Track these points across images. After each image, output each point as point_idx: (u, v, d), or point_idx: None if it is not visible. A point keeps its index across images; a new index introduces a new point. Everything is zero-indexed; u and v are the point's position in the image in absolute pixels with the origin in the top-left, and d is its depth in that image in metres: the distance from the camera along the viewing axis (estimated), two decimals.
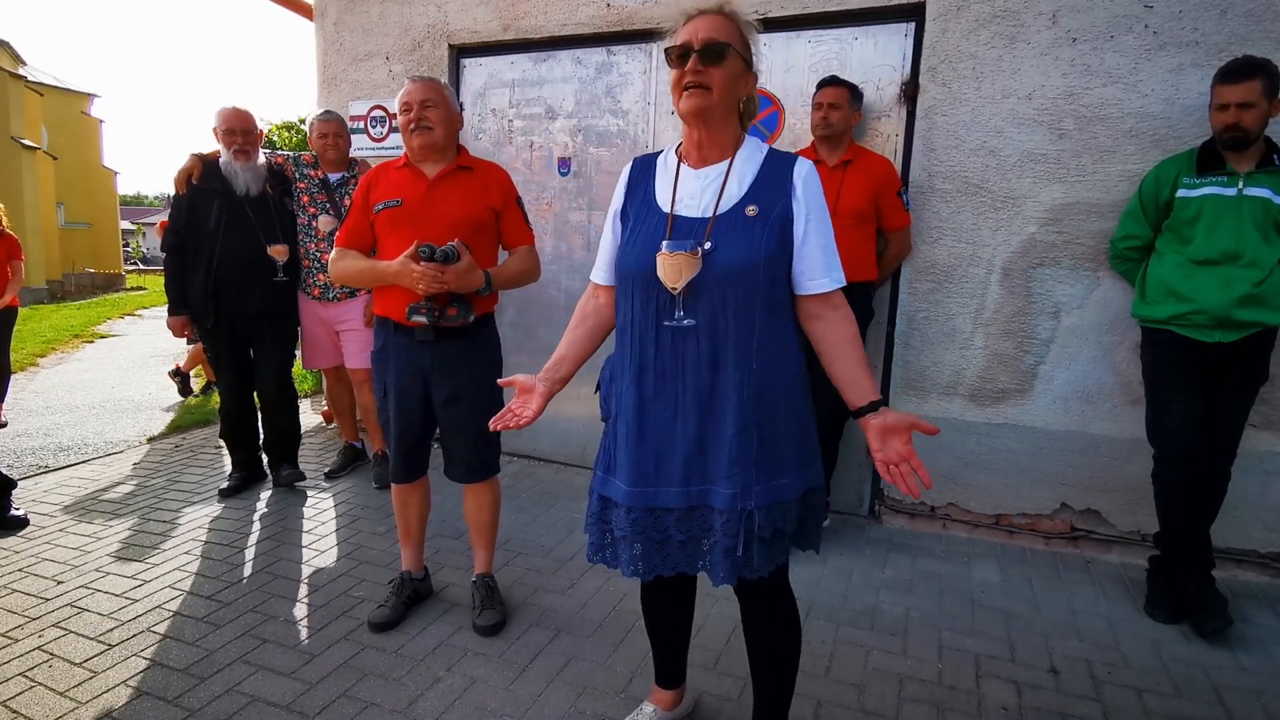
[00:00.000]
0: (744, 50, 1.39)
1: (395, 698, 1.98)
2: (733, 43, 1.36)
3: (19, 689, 1.99)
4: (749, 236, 1.38)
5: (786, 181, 1.41)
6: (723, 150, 1.45)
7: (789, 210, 1.39)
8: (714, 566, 1.45)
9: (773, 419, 1.42)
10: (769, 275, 1.39)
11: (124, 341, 9.05)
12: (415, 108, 2.10)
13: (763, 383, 1.41)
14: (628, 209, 1.52)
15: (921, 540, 3.03)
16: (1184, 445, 2.36)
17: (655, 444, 1.46)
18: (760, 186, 1.41)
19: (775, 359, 1.42)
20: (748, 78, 1.42)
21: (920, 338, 3.06)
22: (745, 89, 1.42)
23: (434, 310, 2.07)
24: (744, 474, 1.40)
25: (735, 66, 1.37)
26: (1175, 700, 2.01)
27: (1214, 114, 2.28)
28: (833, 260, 1.42)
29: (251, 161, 3.20)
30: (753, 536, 1.40)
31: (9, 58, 17.74)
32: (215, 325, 3.21)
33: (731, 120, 1.44)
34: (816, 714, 1.93)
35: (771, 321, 1.41)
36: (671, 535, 1.48)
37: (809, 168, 1.43)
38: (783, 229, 1.39)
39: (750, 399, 1.40)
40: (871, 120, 3.07)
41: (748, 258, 1.37)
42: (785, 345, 1.43)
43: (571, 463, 3.88)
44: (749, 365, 1.40)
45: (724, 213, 1.41)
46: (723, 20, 1.37)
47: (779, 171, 1.42)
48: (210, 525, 3.08)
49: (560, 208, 3.75)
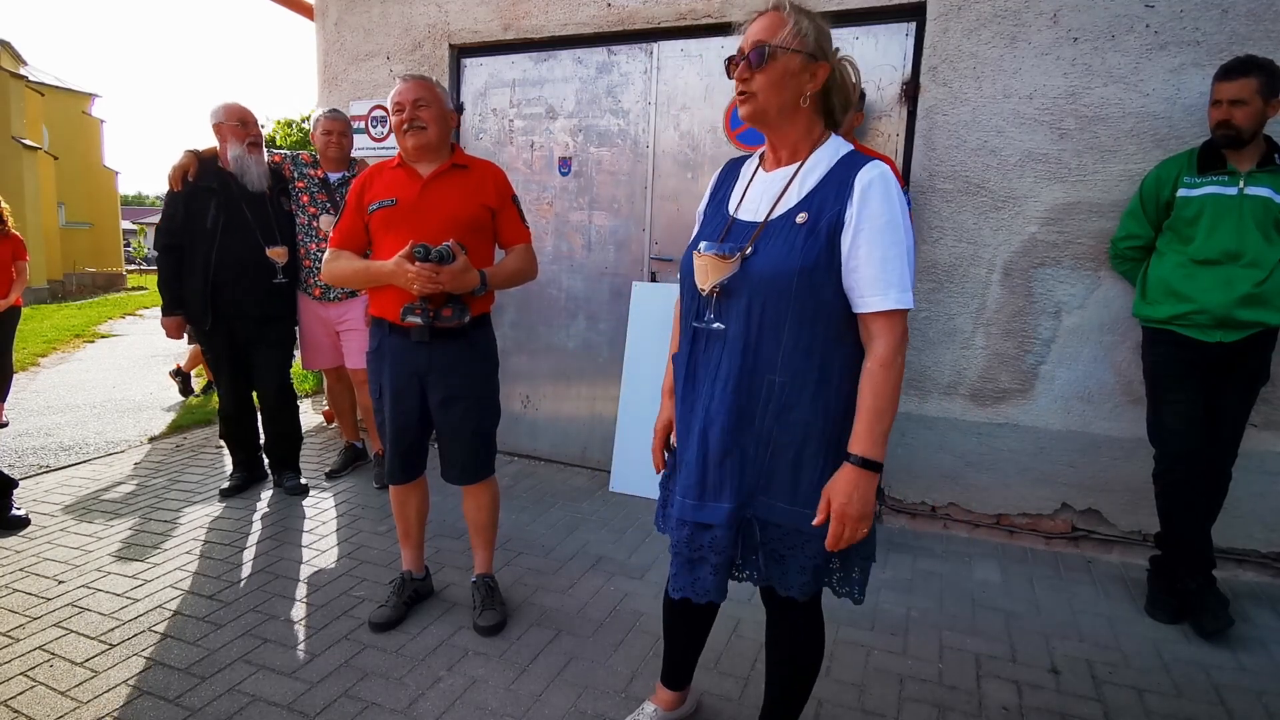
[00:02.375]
0: (799, 43, 1.29)
1: (396, 697, 1.98)
2: (781, 41, 1.29)
3: (20, 688, 1.99)
4: (790, 244, 1.30)
5: (847, 186, 1.29)
6: (794, 152, 1.38)
7: (841, 218, 1.28)
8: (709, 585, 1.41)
9: (797, 443, 1.34)
10: (805, 286, 1.29)
11: (125, 341, 9.06)
12: (408, 107, 2.09)
13: (789, 399, 1.33)
14: (706, 210, 1.52)
15: (922, 540, 3.03)
16: (1185, 445, 2.36)
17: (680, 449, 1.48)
18: (820, 191, 1.32)
19: (805, 377, 1.32)
20: (812, 70, 1.31)
21: (921, 337, 3.06)
22: (811, 83, 1.32)
23: (429, 311, 2.06)
24: (751, 486, 1.37)
25: (785, 65, 1.30)
26: (1176, 700, 2.01)
27: (1209, 110, 2.29)
28: (890, 278, 1.26)
29: (262, 155, 3.19)
30: (754, 547, 1.38)
31: (10, 58, 17.75)
32: (213, 327, 3.18)
33: (798, 120, 1.35)
34: (817, 714, 1.93)
35: (803, 336, 1.31)
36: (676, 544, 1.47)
37: (877, 173, 1.29)
38: (830, 238, 1.28)
39: (770, 412, 1.34)
40: (872, 120, 3.07)
41: (782, 266, 1.30)
42: (823, 365, 1.32)
43: (571, 463, 3.88)
44: (770, 377, 1.33)
45: (775, 218, 1.35)
46: (775, 18, 1.32)
47: (844, 175, 1.31)
48: (211, 525, 3.08)
49: (561, 208, 3.75)
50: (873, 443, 1.29)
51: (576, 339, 3.80)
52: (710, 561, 1.41)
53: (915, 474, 3.13)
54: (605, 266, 3.69)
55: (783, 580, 1.42)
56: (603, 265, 3.69)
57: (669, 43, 3.39)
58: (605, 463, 3.67)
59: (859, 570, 1.43)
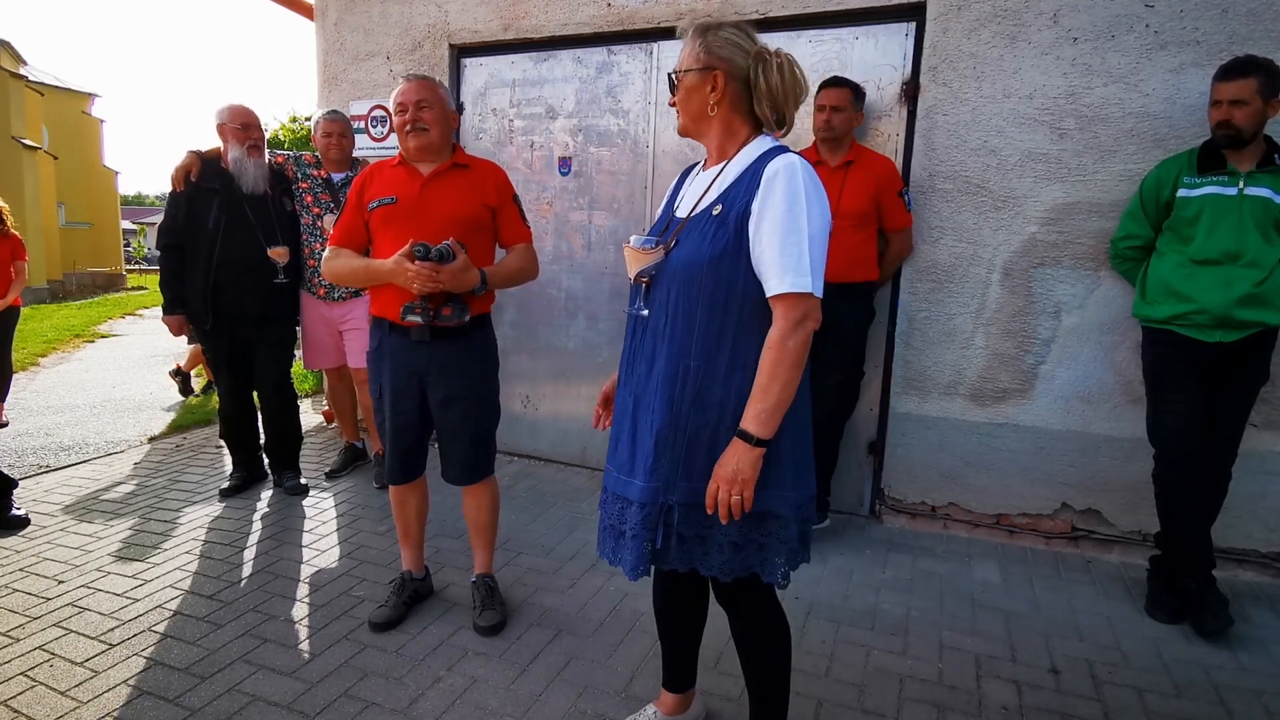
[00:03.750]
0: (693, 60, 1.43)
1: (396, 697, 1.98)
2: (681, 64, 1.46)
3: (20, 688, 1.99)
4: (703, 235, 1.41)
5: (756, 178, 1.38)
6: (721, 153, 1.49)
7: (748, 208, 1.37)
8: (626, 557, 1.47)
9: (712, 424, 1.40)
10: (714, 274, 1.38)
11: (125, 341, 9.06)
12: (410, 108, 2.09)
13: (704, 383, 1.40)
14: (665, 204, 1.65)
15: (922, 540, 3.03)
16: (1185, 445, 2.36)
17: (615, 429, 1.58)
18: (736, 185, 1.41)
19: (717, 360, 1.40)
20: (710, 80, 1.42)
21: (921, 337, 3.06)
22: (713, 93, 1.43)
23: (428, 310, 2.06)
24: (669, 468, 1.42)
25: (687, 84, 1.45)
26: (1176, 700, 2.01)
27: (1209, 110, 2.29)
28: (786, 262, 1.32)
29: (262, 158, 3.20)
30: (671, 530, 1.43)
31: (10, 58, 17.75)
32: (214, 327, 3.19)
33: (713, 127, 1.47)
34: (817, 714, 1.93)
35: (714, 322, 1.39)
36: (603, 518, 1.56)
37: (784, 165, 1.35)
38: (739, 228, 1.37)
39: (685, 396, 1.41)
40: (872, 120, 3.07)
41: (693, 255, 1.40)
42: (734, 349, 1.39)
43: (571, 463, 3.88)
44: (685, 362, 1.41)
45: (697, 213, 1.45)
46: (687, 42, 1.46)
47: (756, 169, 1.40)
48: (211, 525, 3.08)
49: (561, 208, 3.75)
50: (753, 417, 1.34)
51: (576, 339, 3.80)
52: (629, 535, 1.47)
53: (915, 474, 3.13)
54: (605, 266, 3.69)
55: (704, 560, 1.46)
56: (603, 265, 3.69)
57: (669, 43, 3.39)
58: (605, 463, 3.66)
59: (780, 557, 1.44)
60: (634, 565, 1.46)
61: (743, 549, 1.45)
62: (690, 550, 1.46)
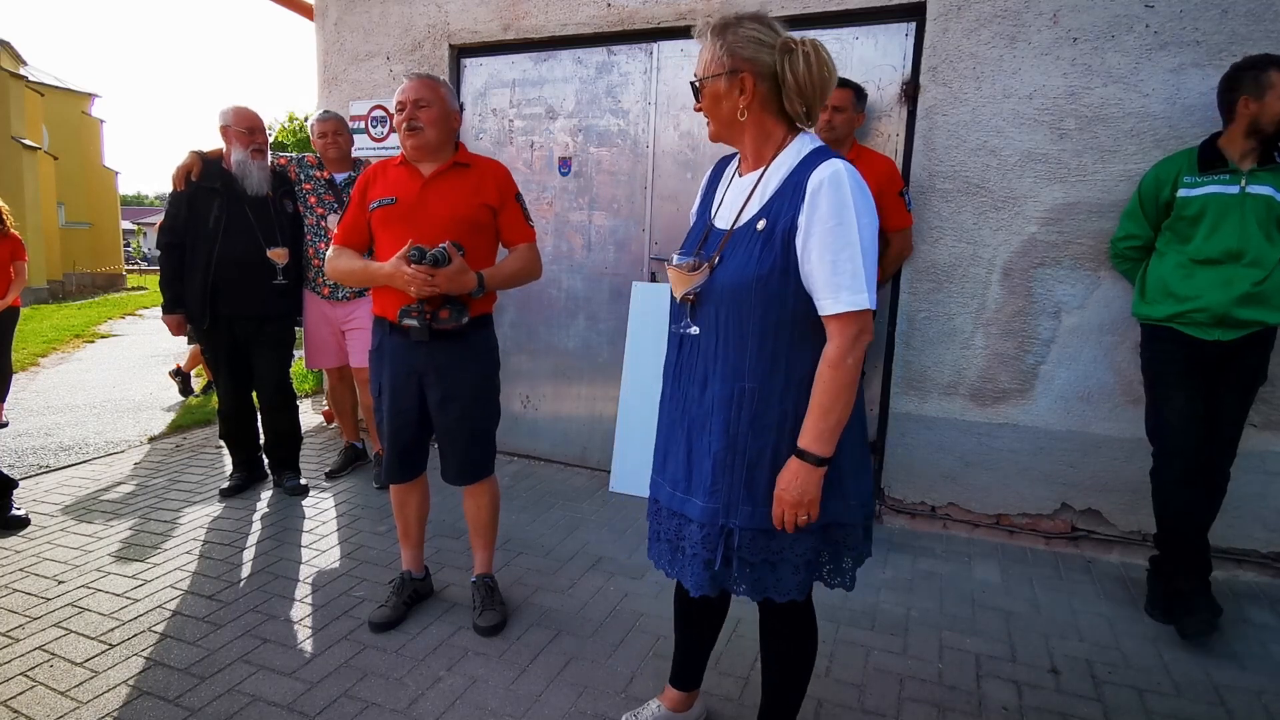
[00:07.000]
0: (716, 66, 1.35)
1: (396, 697, 1.98)
2: (702, 70, 1.38)
3: (20, 688, 1.99)
4: (749, 252, 1.34)
5: (801, 190, 1.30)
6: (758, 158, 1.41)
7: (795, 223, 1.30)
8: (688, 575, 1.46)
9: (772, 445, 1.36)
10: (763, 294, 1.33)
11: (125, 341, 9.06)
12: (409, 107, 2.09)
13: (760, 405, 1.36)
14: (696, 212, 1.58)
15: (922, 540, 3.03)
16: (1184, 443, 2.36)
17: (664, 442, 1.54)
18: (779, 197, 1.34)
19: (772, 382, 1.35)
20: (738, 84, 1.34)
21: (921, 337, 3.06)
22: (742, 96, 1.35)
23: (425, 313, 2.06)
24: (728, 492, 1.39)
25: (712, 91, 1.37)
26: (1176, 700, 2.01)
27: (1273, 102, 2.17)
28: (840, 280, 1.27)
29: (265, 161, 3.21)
30: (732, 554, 1.41)
31: (10, 58, 17.74)
32: (213, 327, 3.19)
33: (747, 132, 1.39)
34: (817, 714, 1.93)
35: (767, 343, 1.34)
36: (661, 531, 1.53)
37: (828, 174, 1.28)
38: (786, 244, 1.31)
39: (743, 418, 1.37)
40: (872, 120, 3.07)
41: (740, 275, 1.34)
42: (789, 369, 1.35)
43: (571, 463, 3.88)
44: (740, 384, 1.37)
45: (740, 227, 1.39)
46: (703, 47, 1.38)
47: (799, 179, 1.32)
48: (211, 525, 3.08)
49: (561, 208, 3.75)
50: (814, 437, 1.31)
51: (576, 339, 3.80)
52: (688, 552, 1.46)
53: (915, 474, 3.13)
54: (605, 266, 3.69)
55: (778, 586, 1.43)
56: (603, 265, 3.69)
57: (669, 43, 3.39)
58: (605, 463, 3.67)
59: (849, 560, 1.46)
60: (697, 584, 1.44)
61: (814, 564, 1.44)
62: (762, 578, 1.42)
